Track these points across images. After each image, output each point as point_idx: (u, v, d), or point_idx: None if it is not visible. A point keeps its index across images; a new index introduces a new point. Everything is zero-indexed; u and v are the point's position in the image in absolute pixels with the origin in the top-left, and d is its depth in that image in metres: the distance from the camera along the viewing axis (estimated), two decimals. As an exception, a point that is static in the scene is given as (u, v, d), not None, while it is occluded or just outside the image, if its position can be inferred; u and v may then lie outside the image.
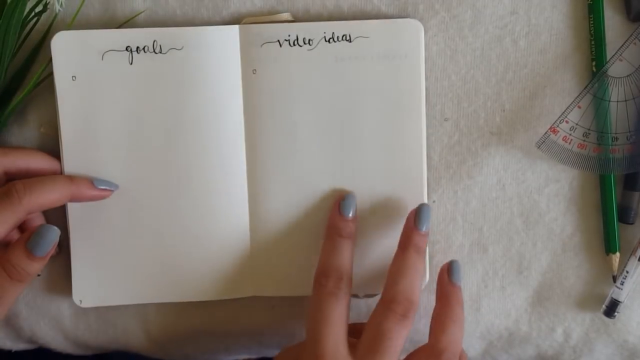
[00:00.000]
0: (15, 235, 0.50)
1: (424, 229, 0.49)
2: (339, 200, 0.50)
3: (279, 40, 0.50)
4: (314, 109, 0.51)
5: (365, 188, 0.51)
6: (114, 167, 0.51)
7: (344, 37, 0.50)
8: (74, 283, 0.52)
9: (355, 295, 0.53)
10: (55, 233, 0.45)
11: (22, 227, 0.51)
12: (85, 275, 0.52)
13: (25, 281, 0.45)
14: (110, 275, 0.52)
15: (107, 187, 0.50)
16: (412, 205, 0.51)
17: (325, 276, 0.48)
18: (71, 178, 0.49)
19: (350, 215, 0.50)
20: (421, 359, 0.47)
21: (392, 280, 0.48)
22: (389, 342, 0.46)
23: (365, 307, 0.53)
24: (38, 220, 0.51)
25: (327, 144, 0.51)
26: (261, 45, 0.50)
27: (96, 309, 0.54)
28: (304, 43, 0.50)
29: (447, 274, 0.50)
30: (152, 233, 0.51)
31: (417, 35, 0.50)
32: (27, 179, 0.47)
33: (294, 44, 0.50)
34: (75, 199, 0.49)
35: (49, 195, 0.47)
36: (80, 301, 0.52)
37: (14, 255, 0.45)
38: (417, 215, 0.49)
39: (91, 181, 0.50)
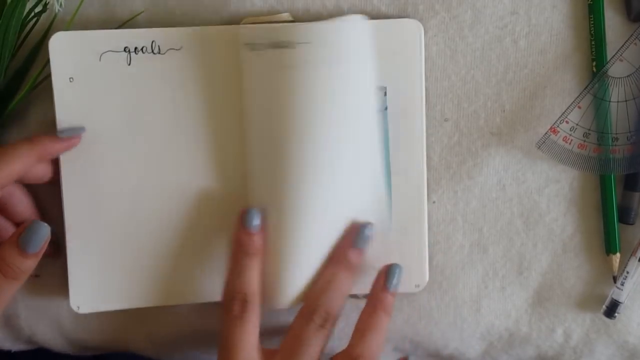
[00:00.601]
0: (9, 230, 0.50)
1: (359, 245, 0.50)
2: (241, 213, 0.49)
3: (277, 41, 0.50)
4: (313, 110, 0.51)
5: (365, 188, 0.51)
6: (112, 168, 0.51)
7: (344, 38, 0.50)
8: (71, 289, 0.52)
9: (355, 296, 0.53)
10: (45, 229, 0.45)
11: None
12: (83, 281, 0.51)
13: (20, 279, 0.45)
14: (108, 281, 0.52)
15: (73, 134, 0.49)
16: (412, 206, 0.51)
17: (230, 299, 0.48)
18: (31, 140, 0.48)
19: (254, 226, 0.49)
20: None
21: (314, 292, 0.49)
22: (307, 349, 0.47)
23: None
24: (26, 204, 0.51)
25: (326, 144, 0.51)
26: (260, 46, 0.50)
27: (92, 315, 0.53)
28: (303, 43, 0.50)
29: (383, 278, 0.50)
30: (149, 237, 0.51)
31: (417, 35, 0.50)
32: None
33: (293, 44, 0.50)
34: (44, 158, 0.49)
35: (15, 165, 0.47)
36: (78, 307, 0.52)
37: (7, 253, 0.44)
38: (354, 235, 0.50)
39: (54, 135, 0.49)
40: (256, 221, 0.49)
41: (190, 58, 0.50)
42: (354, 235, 0.50)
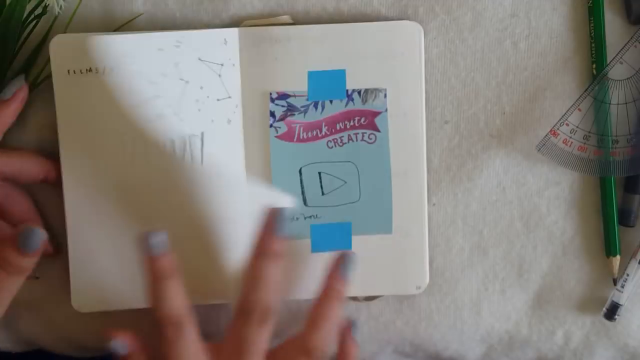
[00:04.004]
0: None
1: (281, 233, 0.48)
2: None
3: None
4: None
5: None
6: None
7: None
8: (72, 289, 0.52)
9: (355, 299, 0.53)
10: (39, 235, 0.45)
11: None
12: (84, 281, 0.52)
13: (22, 275, 0.46)
14: (109, 281, 0.52)
15: (17, 88, 0.49)
16: (412, 208, 0.51)
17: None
18: None
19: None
20: (289, 352, 0.48)
21: (246, 289, 0.47)
22: (251, 349, 0.46)
23: (366, 310, 0.53)
24: (24, 204, 0.52)
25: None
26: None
27: (91, 316, 0.53)
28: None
29: (337, 264, 0.49)
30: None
31: (417, 37, 0.50)
32: None
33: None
34: (3, 128, 0.49)
35: None
36: (79, 307, 0.52)
37: (7, 252, 0.45)
38: (274, 221, 0.48)
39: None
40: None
41: (191, 60, 0.50)
42: (272, 224, 0.48)
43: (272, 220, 0.48)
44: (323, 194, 0.51)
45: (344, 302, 0.49)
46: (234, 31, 0.50)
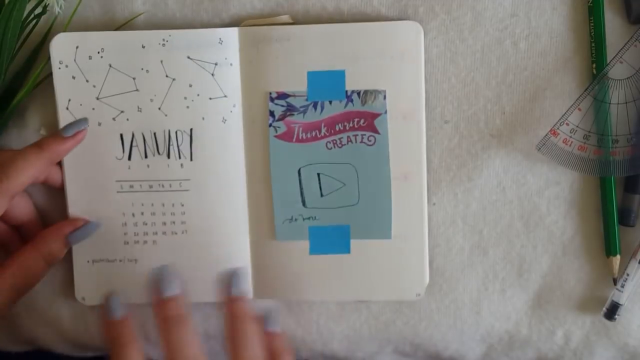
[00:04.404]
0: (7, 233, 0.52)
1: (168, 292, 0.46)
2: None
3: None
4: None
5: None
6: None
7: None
8: (76, 280, 0.52)
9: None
10: (95, 227, 0.51)
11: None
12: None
13: (52, 266, 0.50)
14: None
15: (78, 129, 0.48)
16: (412, 214, 0.51)
17: None
18: (39, 144, 0.47)
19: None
20: None
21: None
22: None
23: (366, 310, 0.53)
24: (26, 207, 0.52)
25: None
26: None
27: (95, 310, 0.54)
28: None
29: (230, 285, 0.47)
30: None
31: (417, 37, 0.50)
32: None
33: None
34: (55, 161, 0.48)
35: (26, 173, 0.46)
36: (83, 299, 0.52)
37: (56, 246, 0.49)
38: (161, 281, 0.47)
39: (60, 134, 0.48)
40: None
41: (191, 60, 0.50)
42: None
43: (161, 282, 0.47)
44: (322, 195, 0.51)
45: (251, 317, 0.46)
46: (233, 31, 0.50)
